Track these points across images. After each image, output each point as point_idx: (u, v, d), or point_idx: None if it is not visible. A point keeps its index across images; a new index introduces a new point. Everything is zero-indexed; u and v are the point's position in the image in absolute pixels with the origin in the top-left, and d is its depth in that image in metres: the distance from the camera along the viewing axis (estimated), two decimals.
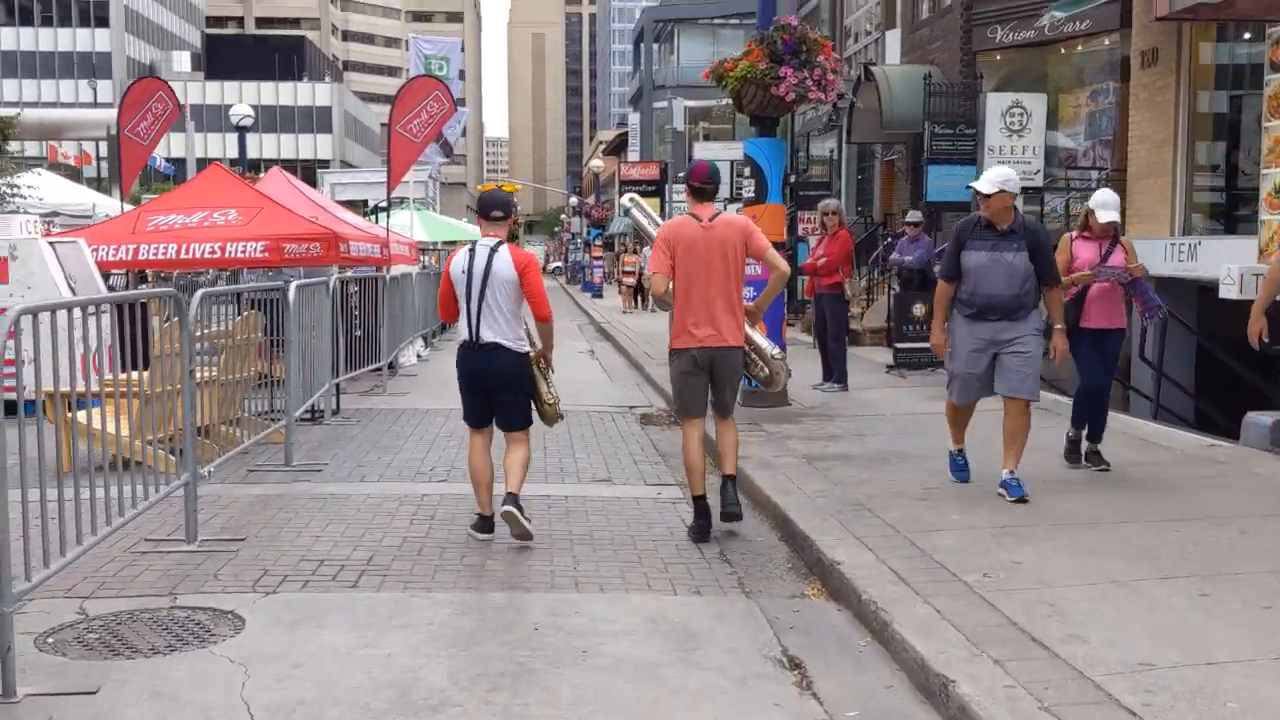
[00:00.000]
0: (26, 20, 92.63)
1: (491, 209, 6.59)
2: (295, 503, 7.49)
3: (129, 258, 13.03)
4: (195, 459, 6.43)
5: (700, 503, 6.68)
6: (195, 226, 13.37)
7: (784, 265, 6.91)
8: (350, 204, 23.60)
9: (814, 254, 12.69)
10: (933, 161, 15.55)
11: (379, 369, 13.64)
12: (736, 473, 7.00)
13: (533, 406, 6.74)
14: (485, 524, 6.58)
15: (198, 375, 8.71)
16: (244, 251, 12.91)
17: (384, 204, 17.69)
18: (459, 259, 6.54)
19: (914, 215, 14.87)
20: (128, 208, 16.02)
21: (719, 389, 6.73)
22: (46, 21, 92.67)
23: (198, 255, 12.96)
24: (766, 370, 7.50)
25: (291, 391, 8.84)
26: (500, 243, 6.50)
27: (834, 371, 12.45)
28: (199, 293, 6.69)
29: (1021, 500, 6.92)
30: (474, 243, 6.57)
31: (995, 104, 13.44)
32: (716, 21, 56.01)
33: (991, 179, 7.04)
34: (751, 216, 11.36)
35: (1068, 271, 7.57)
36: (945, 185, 15.67)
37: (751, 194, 11.30)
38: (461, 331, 6.53)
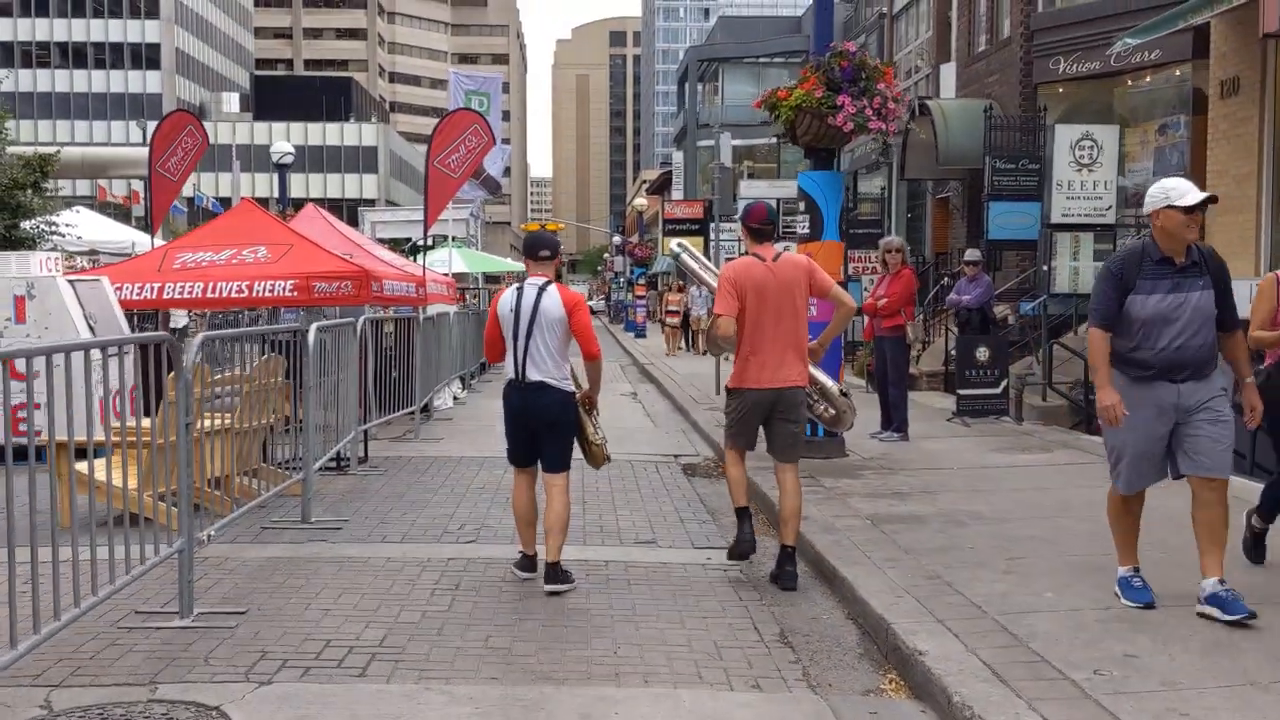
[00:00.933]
0: (80, 63, 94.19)
1: (539, 249, 6.56)
2: (308, 567, 6.79)
3: (154, 296, 12.52)
4: (191, 523, 5.73)
5: (744, 515, 6.65)
6: (223, 264, 12.85)
7: (851, 301, 6.83)
8: (395, 245, 23.13)
9: (874, 294, 11.91)
10: (994, 198, 14.79)
11: (411, 413, 12.98)
12: (797, 543, 6.58)
13: (577, 448, 6.66)
14: (528, 563, 6.57)
15: (211, 423, 8.12)
16: (272, 290, 12.38)
17: (421, 242, 17.09)
18: (506, 298, 6.51)
19: (972, 254, 14.07)
20: (160, 243, 15.59)
21: (781, 429, 6.58)
22: (99, 64, 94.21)
23: (224, 294, 12.43)
24: (833, 410, 7.33)
25: (310, 442, 8.17)
26: (549, 282, 6.48)
27: (893, 419, 11.64)
28: (199, 336, 6.04)
29: (1249, 619, 5.14)
30: (522, 282, 6.54)
31: (1064, 136, 12.64)
32: (761, 60, 55.58)
33: (1186, 189, 5.39)
34: (806, 254, 10.66)
35: (1273, 324, 6.17)
36: (1007, 223, 14.89)
37: (806, 230, 10.58)
38: (507, 370, 6.49)
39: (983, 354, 12.90)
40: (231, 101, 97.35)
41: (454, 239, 22.43)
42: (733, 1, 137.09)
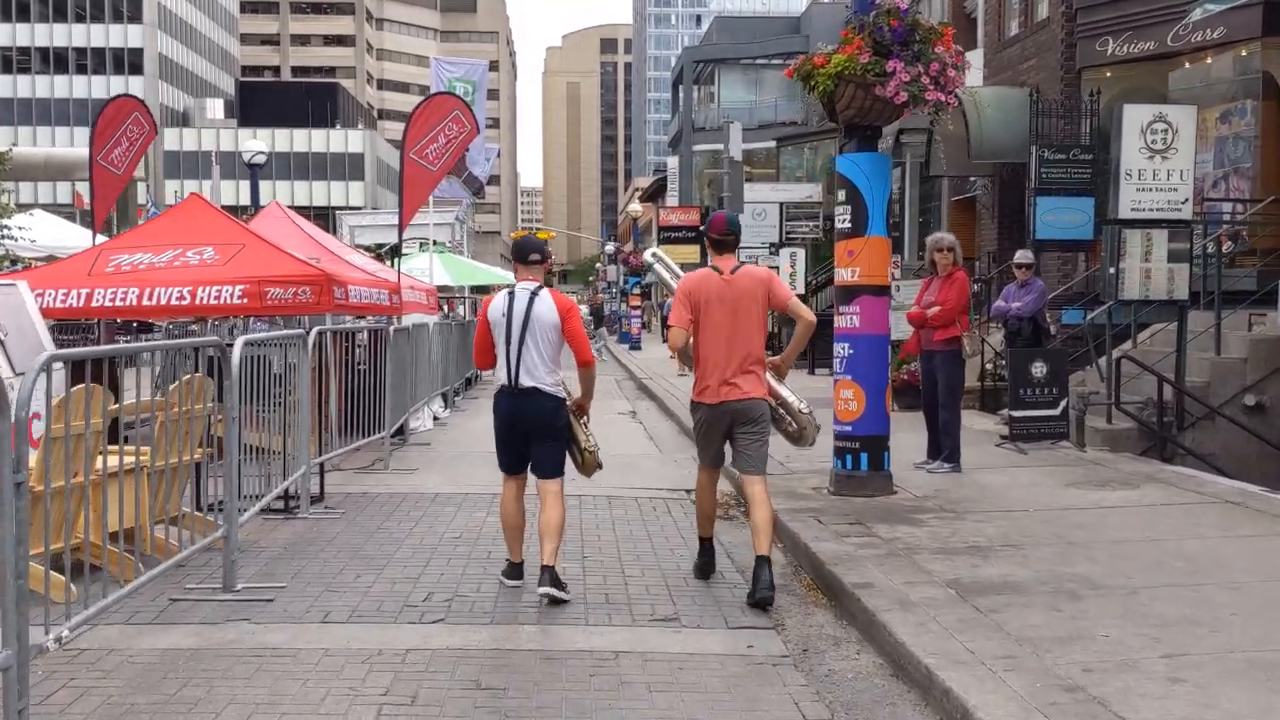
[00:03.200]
0: (61, 68, 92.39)
1: (528, 253, 6.51)
2: (215, 666, 5.04)
3: (80, 304, 10.79)
4: (25, 626, 3.98)
5: (706, 544, 6.64)
6: (163, 267, 11.15)
7: (810, 315, 6.70)
8: (376, 251, 21.33)
9: (919, 300, 10.21)
10: (1042, 192, 13.11)
11: (383, 439, 11.20)
12: (770, 554, 6.23)
13: (570, 456, 6.56)
14: (516, 570, 6.48)
15: (112, 460, 6.45)
16: (218, 297, 10.69)
17: (398, 245, 15.36)
18: (498, 302, 6.44)
19: (1023, 256, 12.36)
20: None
21: (743, 443, 6.43)
22: (81, 69, 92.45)
23: (162, 301, 10.72)
24: (795, 425, 6.92)
25: (233, 488, 6.40)
26: (540, 287, 6.45)
27: (943, 448, 9.94)
28: (43, 357, 4.31)
29: None
30: (513, 287, 6.47)
31: (1134, 118, 10.92)
32: (759, 62, 53.91)
33: None
34: (848, 252, 8.97)
35: None
36: (1057, 220, 13.24)
37: (847, 224, 8.87)
38: (499, 376, 6.41)
39: (1039, 370, 11.18)
40: (216, 108, 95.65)
41: (436, 243, 20.67)
42: (725, 8, 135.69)
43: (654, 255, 8.80)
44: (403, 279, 14.49)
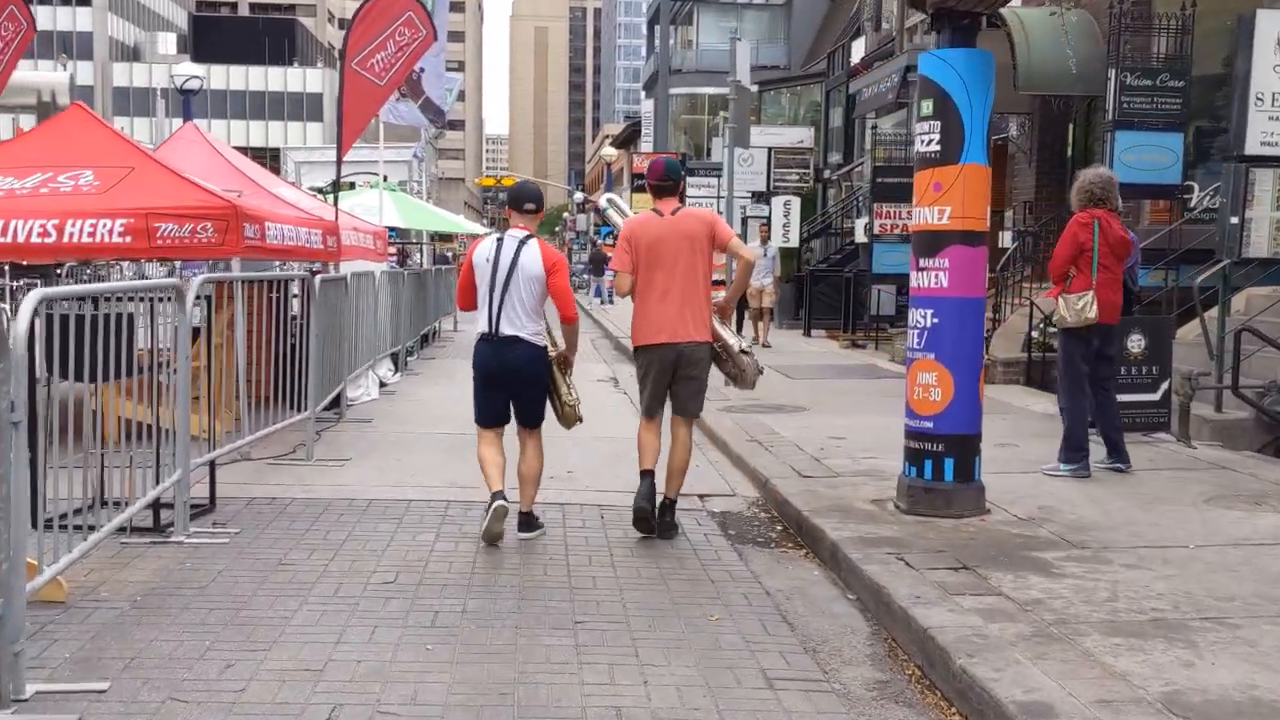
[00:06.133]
0: None
1: (524, 200, 6.37)
2: None
3: None
4: None
5: (647, 477, 6.39)
6: (27, 194, 8.83)
7: (749, 254, 6.65)
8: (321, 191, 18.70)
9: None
10: (1122, 125, 10.81)
11: (306, 419, 8.77)
12: (678, 496, 6.50)
13: (551, 406, 6.42)
14: (498, 496, 6.06)
15: None
16: (93, 233, 8.38)
17: (334, 182, 12.84)
18: (484, 247, 6.33)
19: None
20: None
21: (682, 387, 6.42)
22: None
23: (20, 238, 8.46)
24: (735, 367, 6.71)
25: (15, 534, 3.93)
26: (530, 236, 6.30)
27: (1068, 442, 7.71)
28: None
29: None
30: (503, 233, 6.36)
31: (1269, 29, 8.59)
32: (740, 1, 51.17)
33: None
34: (934, 185, 6.60)
35: None
36: (1138, 160, 10.94)
37: (934, 148, 6.49)
38: (480, 323, 6.27)
39: (1136, 344, 8.93)
40: (168, 42, 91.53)
41: (386, 180, 18.07)
42: None
43: (608, 201, 8.24)
44: (344, 219, 12.05)
